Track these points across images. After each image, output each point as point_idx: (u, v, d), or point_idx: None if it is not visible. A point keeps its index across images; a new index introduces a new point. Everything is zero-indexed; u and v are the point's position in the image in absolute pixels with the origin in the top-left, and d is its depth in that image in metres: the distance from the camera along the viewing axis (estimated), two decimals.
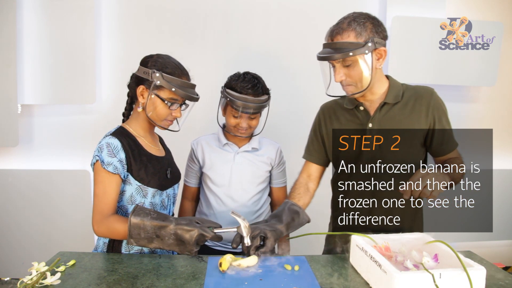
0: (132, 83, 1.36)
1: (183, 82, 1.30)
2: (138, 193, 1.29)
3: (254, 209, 1.66)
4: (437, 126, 1.31)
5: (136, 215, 1.12)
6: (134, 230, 1.11)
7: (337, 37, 1.23)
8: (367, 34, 1.22)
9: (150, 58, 1.33)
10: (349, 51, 1.18)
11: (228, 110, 1.61)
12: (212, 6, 2.52)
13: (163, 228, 1.11)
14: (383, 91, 1.35)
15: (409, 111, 1.32)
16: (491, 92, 2.73)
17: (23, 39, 2.38)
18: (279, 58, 2.55)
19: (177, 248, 1.13)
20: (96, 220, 1.21)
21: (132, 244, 1.13)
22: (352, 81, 1.27)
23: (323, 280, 1.08)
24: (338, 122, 1.43)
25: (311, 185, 1.50)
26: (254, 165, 1.67)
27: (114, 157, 1.22)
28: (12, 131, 2.36)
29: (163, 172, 1.38)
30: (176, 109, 1.32)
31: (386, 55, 1.27)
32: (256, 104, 1.54)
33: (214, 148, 1.70)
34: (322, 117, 1.49)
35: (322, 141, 1.49)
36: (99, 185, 1.22)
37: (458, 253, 1.00)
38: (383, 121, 1.32)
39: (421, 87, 1.38)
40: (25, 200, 2.48)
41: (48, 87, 2.41)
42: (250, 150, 1.68)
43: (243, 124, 1.58)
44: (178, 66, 1.34)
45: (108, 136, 1.27)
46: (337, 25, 1.25)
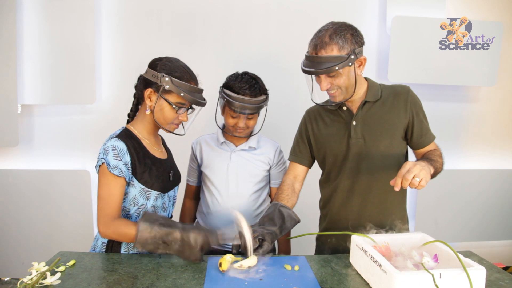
0: (140, 85, 1.35)
1: (191, 87, 1.30)
2: (141, 196, 1.30)
3: (251, 208, 1.66)
4: (416, 120, 1.40)
5: (145, 221, 1.15)
6: (142, 237, 1.14)
7: (321, 51, 1.28)
8: (348, 46, 1.27)
9: (159, 61, 1.32)
10: (334, 65, 1.25)
11: (226, 110, 1.62)
12: (212, 7, 2.52)
13: (170, 234, 1.15)
14: (363, 91, 1.43)
15: (389, 107, 1.41)
16: (491, 92, 2.73)
17: (23, 39, 2.38)
18: (279, 58, 2.56)
19: (182, 254, 1.17)
20: (102, 222, 1.21)
21: (137, 248, 1.15)
22: (336, 89, 1.34)
23: (323, 280, 1.08)
24: (324, 122, 1.50)
25: (297, 185, 1.55)
26: (251, 164, 1.67)
27: (119, 160, 1.23)
28: (12, 131, 2.36)
29: (166, 174, 1.38)
30: (183, 113, 1.33)
31: (366, 62, 1.35)
32: (254, 104, 1.54)
33: (212, 147, 1.71)
34: (308, 120, 1.56)
35: (308, 143, 1.56)
36: (104, 188, 1.22)
37: (458, 253, 1.00)
38: (365, 118, 1.41)
39: (398, 85, 1.46)
40: (25, 200, 2.48)
41: (48, 87, 2.41)
42: (247, 149, 1.68)
43: (240, 124, 1.58)
44: (187, 70, 1.33)
45: (114, 139, 1.26)
46: (318, 38, 1.29)
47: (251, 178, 1.67)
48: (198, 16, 2.52)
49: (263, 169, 1.69)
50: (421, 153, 1.43)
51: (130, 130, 1.34)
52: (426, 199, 2.66)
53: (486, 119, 2.77)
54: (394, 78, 2.48)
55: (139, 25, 2.51)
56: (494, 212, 2.74)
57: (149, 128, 1.37)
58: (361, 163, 1.41)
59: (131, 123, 1.38)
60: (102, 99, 2.53)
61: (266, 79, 1.68)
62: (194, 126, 1.49)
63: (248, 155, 1.68)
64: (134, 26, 2.51)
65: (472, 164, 2.77)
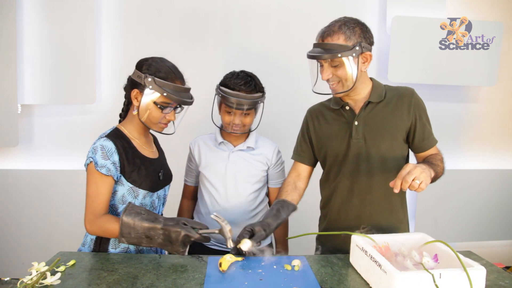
0: (127, 86, 1.38)
1: (176, 87, 1.31)
2: (130, 194, 1.32)
3: (249, 209, 1.66)
4: (418, 123, 1.39)
5: (127, 215, 1.18)
6: (125, 229, 1.17)
7: (328, 39, 1.30)
8: (355, 38, 1.29)
9: (144, 61, 1.34)
10: (338, 52, 1.27)
11: (222, 107, 1.62)
12: (212, 7, 2.52)
13: (152, 229, 1.18)
14: (367, 91, 1.43)
15: (392, 109, 1.40)
16: (491, 92, 2.73)
17: (23, 39, 2.38)
18: (279, 58, 2.56)
19: (165, 247, 1.19)
20: (88, 220, 1.24)
21: (123, 242, 1.18)
22: (337, 80, 1.35)
23: (323, 280, 1.08)
24: (326, 121, 1.50)
25: (300, 184, 1.55)
26: (249, 164, 1.67)
27: (107, 160, 1.25)
28: (12, 131, 2.37)
29: (156, 174, 1.39)
30: (170, 112, 1.33)
31: (371, 60, 1.35)
32: (249, 100, 1.54)
33: (210, 147, 1.71)
34: (309, 119, 1.56)
35: (310, 142, 1.56)
36: (92, 186, 1.25)
37: (458, 253, 1.00)
38: (367, 119, 1.40)
39: (402, 87, 1.45)
40: (25, 200, 2.48)
41: (48, 87, 2.41)
42: (245, 149, 1.68)
43: (236, 120, 1.58)
44: (172, 70, 1.33)
45: (103, 138, 1.29)
46: (328, 27, 1.32)
47: (250, 178, 1.66)
48: (198, 16, 2.52)
49: (261, 170, 1.69)
50: (422, 157, 1.42)
51: (120, 130, 1.36)
52: (426, 199, 2.66)
53: (486, 119, 2.77)
54: (394, 78, 2.49)
55: (139, 25, 2.51)
56: (494, 212, 2.74)
57: (139, 128, 1.38)
58: (361, 163, 1.40)
59: (122, 123, 1.40)
60: (102, 99, 2.53)
61: (265, 79, 1.68)
62: (193, 126, 1.49)
63: (247, 155, 1.68)
64: (134, 26, 2.51)
65: (472, 164, 2.77)
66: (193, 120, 2.13)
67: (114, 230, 1.21)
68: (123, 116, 1.44)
